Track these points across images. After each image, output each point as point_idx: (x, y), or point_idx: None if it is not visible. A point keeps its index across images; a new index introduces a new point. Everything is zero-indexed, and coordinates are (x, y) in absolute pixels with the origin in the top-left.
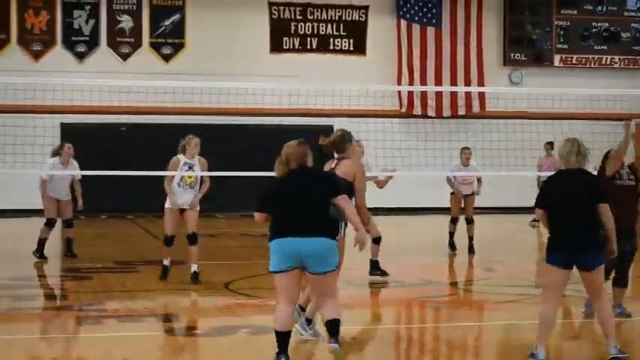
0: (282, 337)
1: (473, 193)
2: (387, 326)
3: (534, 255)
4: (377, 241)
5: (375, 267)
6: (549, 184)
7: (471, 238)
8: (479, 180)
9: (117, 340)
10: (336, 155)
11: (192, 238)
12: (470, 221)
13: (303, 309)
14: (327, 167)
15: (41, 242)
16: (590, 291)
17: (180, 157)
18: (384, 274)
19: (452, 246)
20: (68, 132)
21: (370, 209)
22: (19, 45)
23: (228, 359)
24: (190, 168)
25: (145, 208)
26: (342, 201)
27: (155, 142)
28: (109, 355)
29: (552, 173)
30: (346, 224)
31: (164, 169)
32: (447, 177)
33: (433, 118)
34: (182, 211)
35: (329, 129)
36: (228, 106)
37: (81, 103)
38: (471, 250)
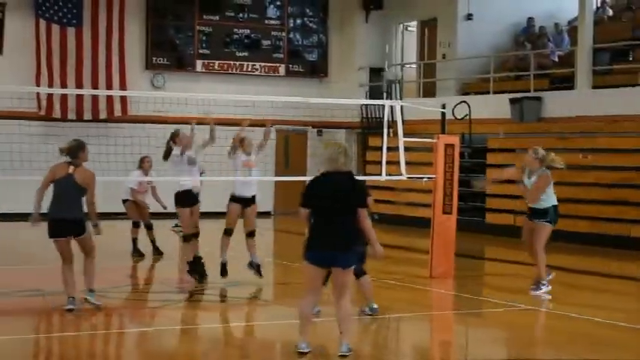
0: None
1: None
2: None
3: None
4: None
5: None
6: (314, 185)
7: (153, 242)
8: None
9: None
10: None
11: None
12: (149, 227)
13: None
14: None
15: None
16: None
17: None
18: None
19: (138, 252)
20: None
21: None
22: None
23: None
24: None
25: None
26: None
27: None
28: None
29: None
30: None
31: None
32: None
33: (74, 121)
34: None
35: None
36: None
37: None
38: (156, 251)
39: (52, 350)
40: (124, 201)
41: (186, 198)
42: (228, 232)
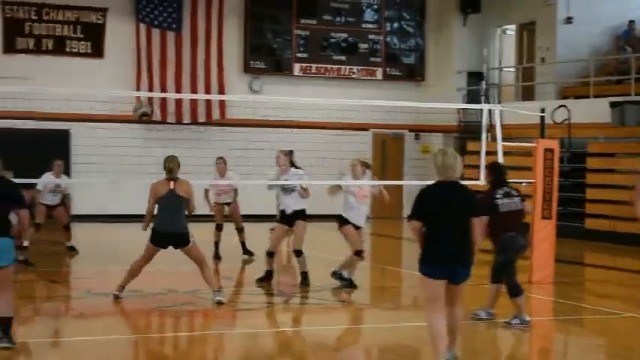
0: None
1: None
2: (123, 336)
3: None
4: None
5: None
6: (426, 196)
7: (243, 244)
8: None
9: None
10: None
11: None
12: (240, 229)
13: None
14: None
15: None
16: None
17: None
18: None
19: (217, 255)
20: None
21: (114, 216)
22: None
23: None
24: None
25: None
26: None
27: None
28: None
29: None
30: None
31: None
32: (204, 189)
33: (173, 124)
34: None
35: (64, 133)
36: None
37: None
38: (247, 252)
39: (152, 350)
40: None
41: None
42: (358, 254)
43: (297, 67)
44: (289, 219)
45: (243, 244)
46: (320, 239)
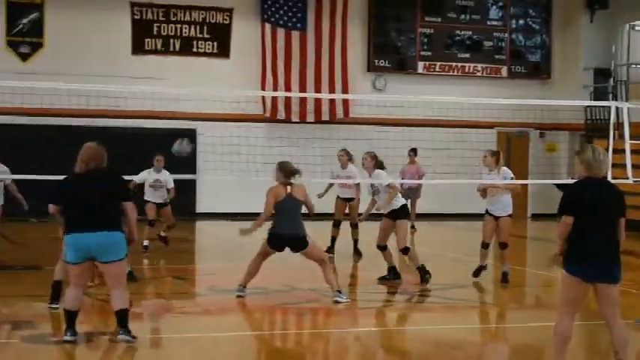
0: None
1: (354, 199)
2: (248, 333)
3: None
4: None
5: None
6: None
7: (355, 242)
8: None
9: None
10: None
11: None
12: (354, 226)
13: None
14: (282, 193)
15: None
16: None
17: None
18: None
19: (330, 250)
20: None
21: (239, 214)
22: None
23: None
24: None
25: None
26: None
27: (14, 143)
28: None
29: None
30: None
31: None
32: (328, 184)
33: (297, 123)
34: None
35: (192, 132)
36: (88, 108)
37: None
38: (356, 252)
39: (274, 347)
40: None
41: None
42: (485, 246)
43: (420, 65)
44: (390, 217)
45: (355, 241)
46: (449, 239)
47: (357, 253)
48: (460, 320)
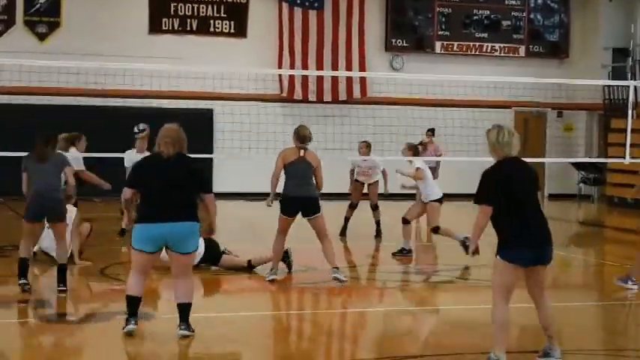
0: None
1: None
2: (266, 313)
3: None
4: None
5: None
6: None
7: (377, 223)
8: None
9: None
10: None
11: None
12: (375, 207)
13: None
14: (294, 156)
15: None
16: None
17: None
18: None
19: (343, 232)
20: None
21: (255, 194)
22: None
23: (102, 345)
24: None
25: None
26: None
27: (31, 123)
28: None
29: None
30: None
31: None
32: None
33: (314, 102)
34: None
35: (209, 112)
36: (105, 87)
37: None
38: (378, 234)
39: (292, 326)
40: (356, 181)
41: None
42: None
43: (438, 45)
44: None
45: (377, 223)
46: (465, 219)
47: (379, 235)
48: (478, 300)
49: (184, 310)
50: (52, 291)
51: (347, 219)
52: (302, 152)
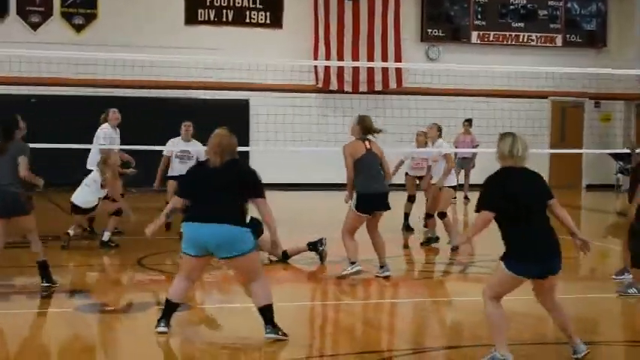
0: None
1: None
2: (305, 303)
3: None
4: None
5: None
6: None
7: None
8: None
9: (26, 317)
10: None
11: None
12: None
13: None
14: (361, 149)
15: None
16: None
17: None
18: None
19: (407, 227)
20: None
21: (291, 185)
22: None
23: (140, 336)
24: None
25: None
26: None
27: (66, 114)
28: (17, 332)
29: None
30: None
31: (75, 141)
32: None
33: (350, 93)
34: None
35: (245, 103)
36: (141, 79)
37: None
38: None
39: (328, 316)
40: (405, 174)
41: None
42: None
43: (474, 35)
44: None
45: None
46: None
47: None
48: (516, 291)
49: (264, 313)
50: (92, 279)
51: (406, 215)
52: (367, 144)
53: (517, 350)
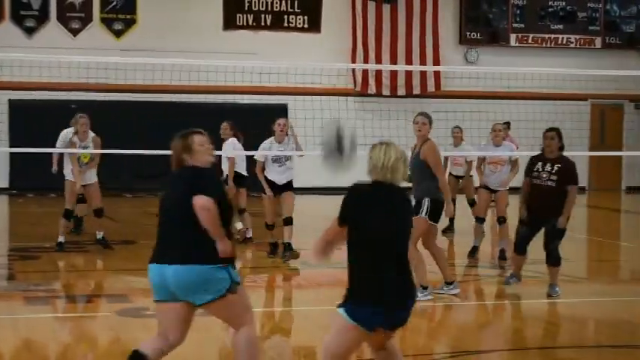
0: None
1: (468, 175)
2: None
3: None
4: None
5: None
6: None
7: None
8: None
9: (65, 321)
10: None
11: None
12: (472, 203)
13: None
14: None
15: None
16: None
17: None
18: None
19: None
20: (17, 109)
21: (329, 188)
22: None
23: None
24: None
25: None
26: None
27: (106, 119)
28: (56, 336)
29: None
30: None
31: (114, 147)
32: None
33: (388, 97)
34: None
35: (283, 107)
36: (181, 84)
37: (29, 80)
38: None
39: None
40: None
41: None
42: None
43: (513, 38)
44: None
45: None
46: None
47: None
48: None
49: None
50: (129, 283)
51: (451, 219)
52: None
53: (552, 354)
